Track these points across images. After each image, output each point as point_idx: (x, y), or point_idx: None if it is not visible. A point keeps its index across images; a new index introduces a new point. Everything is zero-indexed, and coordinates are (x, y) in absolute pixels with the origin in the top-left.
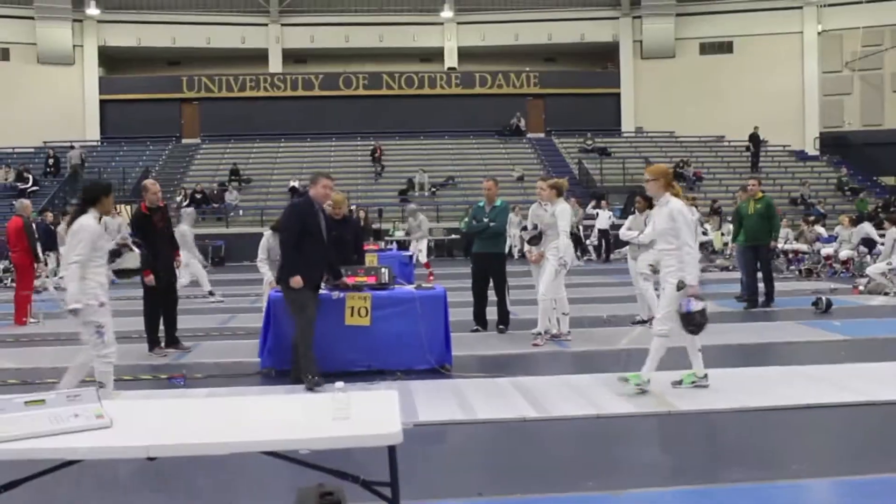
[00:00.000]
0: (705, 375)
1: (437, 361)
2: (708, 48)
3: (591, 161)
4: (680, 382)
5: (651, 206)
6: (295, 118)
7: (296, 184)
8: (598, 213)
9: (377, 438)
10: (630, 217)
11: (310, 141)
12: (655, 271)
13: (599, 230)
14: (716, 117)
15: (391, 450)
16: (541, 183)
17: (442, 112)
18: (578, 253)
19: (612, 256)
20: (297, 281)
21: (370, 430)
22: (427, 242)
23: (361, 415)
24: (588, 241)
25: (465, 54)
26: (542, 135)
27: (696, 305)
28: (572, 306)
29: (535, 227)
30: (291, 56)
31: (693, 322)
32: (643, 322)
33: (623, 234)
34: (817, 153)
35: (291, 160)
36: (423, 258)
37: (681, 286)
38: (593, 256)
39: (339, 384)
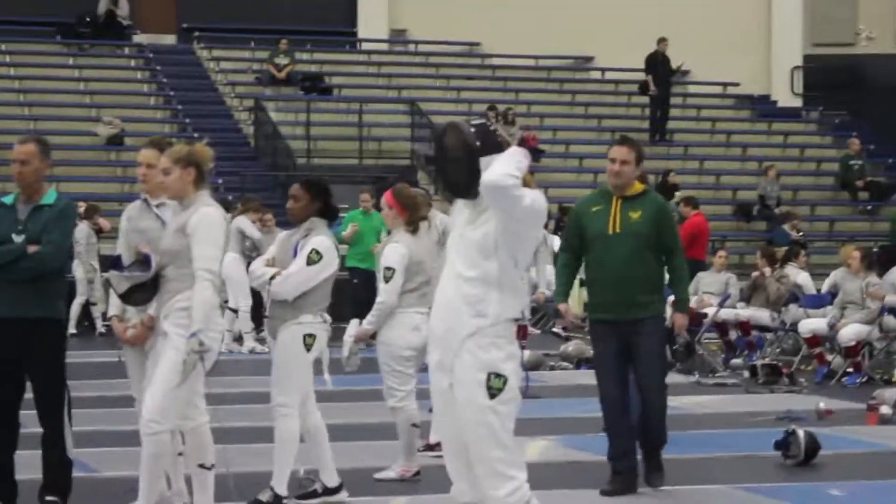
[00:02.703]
0: None
1: None
2: None
3: (291, 106)
4: None
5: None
6: None
7: None
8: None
9: None
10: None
11: None
12: None
13: None
14: (568, 22)
15: None
16: (147, 152)
17: None
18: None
19: None
20: None
21: None
22: None
23: None
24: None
25: None
26: (170, 38)
27: None
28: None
29: (145, 259)
30: None
31: None
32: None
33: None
34: (798, 103)
35: None
36: None
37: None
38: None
39: None
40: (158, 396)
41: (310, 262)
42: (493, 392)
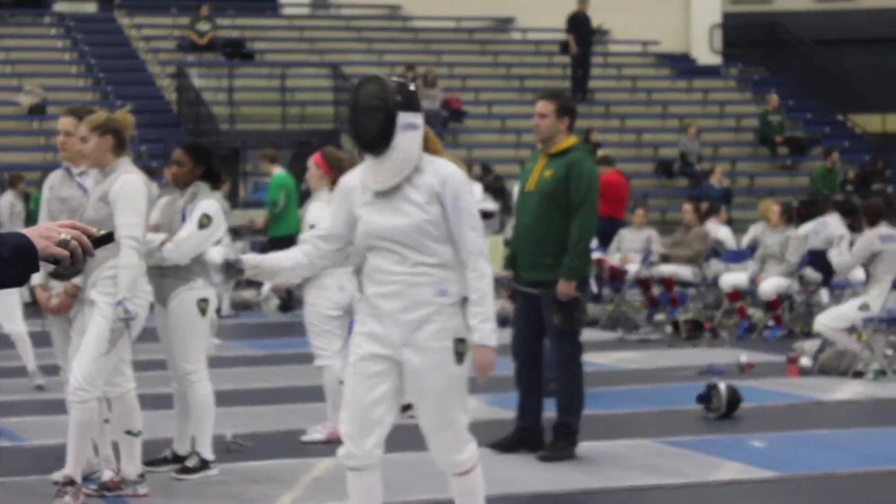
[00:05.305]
0: None
1: None
2: None
3: (214, 73)
4: None
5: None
6: None
7: None
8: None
9: None
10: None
11: None
12: None
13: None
14: None
15: None
16: (65, 120)
17: None
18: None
19: None
20: None
21: None
22: None
23: None
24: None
25: None
26: (90, 5)
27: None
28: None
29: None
30: None
31: None
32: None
33: None
34: (718, 61)
35: None
36: None
37: None
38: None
39: None
40: (85, 364)
41: (201, 225)
42: (460, 357)
